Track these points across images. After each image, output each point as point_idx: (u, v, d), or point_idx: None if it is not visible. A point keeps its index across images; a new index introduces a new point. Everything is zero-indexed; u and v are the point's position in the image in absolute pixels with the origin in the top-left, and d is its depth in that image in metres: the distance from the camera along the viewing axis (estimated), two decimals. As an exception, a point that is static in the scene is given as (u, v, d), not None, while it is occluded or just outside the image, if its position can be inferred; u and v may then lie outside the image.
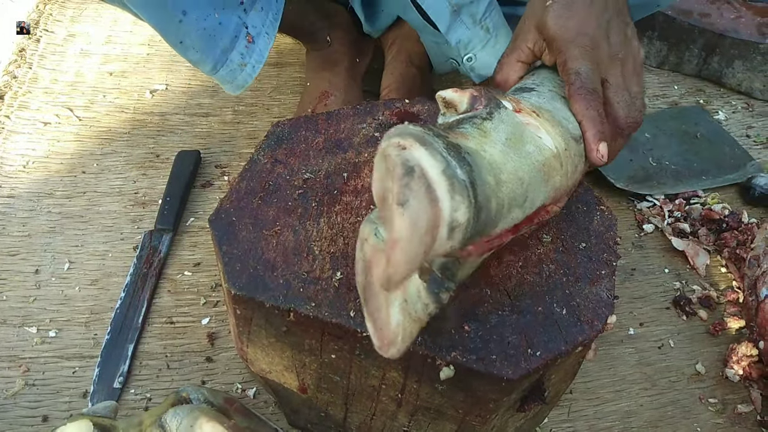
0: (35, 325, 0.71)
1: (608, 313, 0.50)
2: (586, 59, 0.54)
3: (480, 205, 0.38)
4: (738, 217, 0.89)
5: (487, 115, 0.45)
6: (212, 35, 0.70)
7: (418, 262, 0.36)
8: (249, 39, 0.73)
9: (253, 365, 0.59)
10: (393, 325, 0.40)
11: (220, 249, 0.51)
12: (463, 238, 0.38)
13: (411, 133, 0.37)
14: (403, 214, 0.34)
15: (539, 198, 0.46)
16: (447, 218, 0.36)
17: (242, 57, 0.74)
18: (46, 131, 0.91)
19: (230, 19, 0.71)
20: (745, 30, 1.10)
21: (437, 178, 0.35)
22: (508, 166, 0.43)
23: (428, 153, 0.36)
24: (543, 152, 0.46)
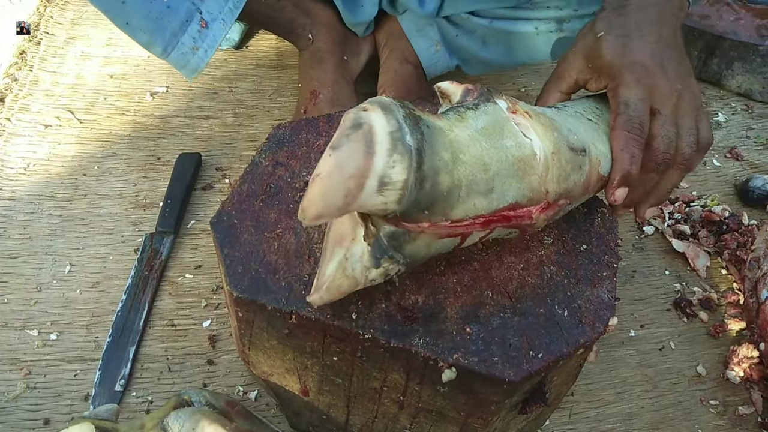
0: (36, 328, 0.71)
1: (609, 315, 0.50)
2: (639, 87, 0.53)
3: (425, 173, 0.40)
4: (738, 219, 0.89)
5: (473, 106, 0.46)
6: (159, 17, 0.70)
7: (338, 205, 0.37)
8: (203, 24, 0.74)
9: (255, 368, 0.59)
10: (325, 276, 0.43)
11: (221, 251, 0.51)
12: (402, 201, 0.40)
13: (379, 100, 0.41)
14: (331, 155, 0.37)
15: (510, 193, 0.46)
16: (378, 172, 0.38)
17: (194, 41, 0.74)
18: (46, 134, 0.91)
19: (181, 3, 0.71)
20: (744, 32, 1.11)
21: (382, 136, 0.38)
22: (473, 150, 0.43)
23: (384, 115, 0.39)
24: (522, 149, 0.46)
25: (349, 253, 0.43)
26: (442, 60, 0.98)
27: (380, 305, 0.48)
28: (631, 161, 0.52)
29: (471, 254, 0.52)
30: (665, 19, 0.57)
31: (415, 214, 0.42)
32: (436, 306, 0.49)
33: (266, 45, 1.10)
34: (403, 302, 0.48)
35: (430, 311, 0.48)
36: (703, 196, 0.95)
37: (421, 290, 0.49)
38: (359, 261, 0.43)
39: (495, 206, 0.45)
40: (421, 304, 0.48)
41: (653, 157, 0.54)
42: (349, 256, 0.43)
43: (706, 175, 1.00)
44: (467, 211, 0.44)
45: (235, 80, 1.03)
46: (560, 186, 0.49)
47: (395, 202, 0.39)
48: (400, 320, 0.47)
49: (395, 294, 0.49)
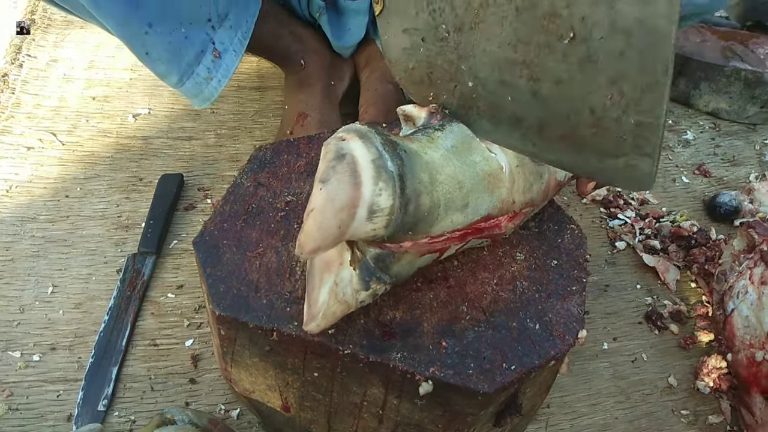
0: (19, 349, 0.71)
1: (579, 328, 0.52)
2: None
3: (408, 196, 0.42)
4: (706, 234, 0.93)
5: (439, 127, 0.49)
6: (178, 48, 0.73)
7: (333, 236, 0.39)
8: (216, 54, 0.76)
9: (237, 385, 0.60)
10: (318, 303, 0.45)
11: (204, 271, 0.52)
12: (390, 226, 0.42)
13: (355, 128, 0.43)
14: (321, 189, 0.39)
15: (483, 206, 0.49)
16: (367, 200, 0.40)
17: (208, 71, 0.77)
18: (29, 156, 0.92)
19: (197, 34, 0.74)
20: (710, 53, 1.15)
21: (365, 165, 0.40)
22: (447, 169, 0.46)
23: (363, 144, 0.41)
24: (490, 164, 0.48)
25: (338, 278, 0.44)
26: None
27: (359, 321, 0.50)
28: None
29: (447, 271, 0.55)
30: None
31: (399, 236, 0.44)
32: (413, 321, 0.50)
33: (247, 67, 1.12)
34: (382, 318, 0.50)
35: (407, 326, 0.50)
36: (673, 212, 0.98)
37: (398, 306, 0.51)
38: (349, 285, 0.45)
39: (470, 220, 0.48)
40: (398, 320, 0.50)
41: None
42: (339, 282, 0.44)
43: (675, 192, 1.03)
44: (445, 227, 0.47)
45: (216, 102, 1.04)
46: (525, 196, 0.51)
47: (383, 227, 0.41)
48: (379, 335, 0.49)
49: (374, 310, 0.51)
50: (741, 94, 1.14)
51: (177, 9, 0.71)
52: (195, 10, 0.73)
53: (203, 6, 0.73)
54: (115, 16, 0.68)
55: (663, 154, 1.10)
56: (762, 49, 1.16)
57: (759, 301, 0.74)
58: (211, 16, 0.75)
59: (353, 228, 0.40)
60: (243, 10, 0.79)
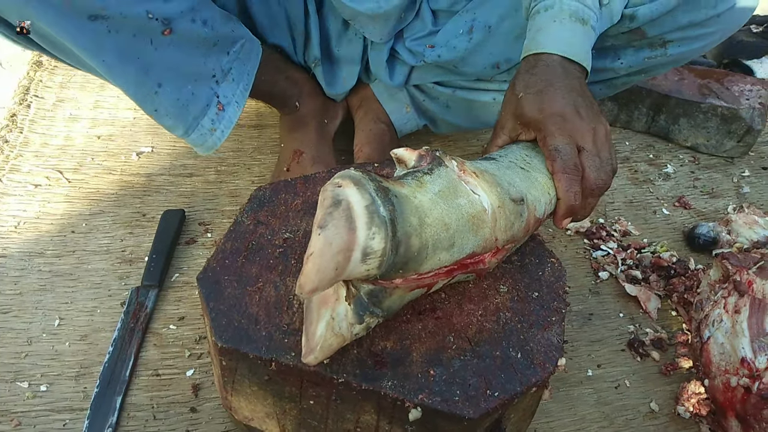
0: (27, 380, 0.74)
1: (558, 356, 0.56)
2: (562, 134, 0.62)
3: (399, 239, 0.46)
4: (685, 264, 0.97)
5: (428, 170, 0.53)
6: (185, 104, 0.77)
7: (330, 277, 0.43)
8: (219, 107, 0.81)
9: (237, 413, 0.63)
10: (316, 337, 0.48)
11: (207, 305, 0.56)
12: (382, 266, 0.46)
13: (350, 175, 0.47)
14: (320, 234, 0.43)
15: (468, 245, 0.53)
16: (361, 244, 0.44)
17: (212, 123, 0.81)
18: (36, 193, 0.96)
19: (202, 90, 0.78)
20: (687, 91, 1.21)
21: (360, 211, 0.44)
22: (435, 212, 0.50)
23: (357, 191, 0.45)
24: (474, 206, 0.53)
25: (334, 313, 0.48)
26: (412, 120, 1.06)
27: (352, 351, 0.53)
28: (575, 198, 0.61)
29: (435, 303, 0.58)
30: (570, 73, 0.66)
31: (391, 275, 0.48)
32: (403, 351, 0.54)
33: (246, 106, 1.15)
34: (374, 348, 0.54)
35: (397, 356, 0.53)
36: (653, 243, 1.02)
37: (389, 337, 0.55)
38: (344, 319, 0.49)
39: (456, 258, 0.52)
40: (389, 350, 0.54)
41: (588, 184, 0.62)
42: (335, 316, 0.48)
43: (656, 223, 1.07)
44: (433, 265, 0.51)
45: (216, 139, 1.09)
46: (507, 233, 0.56)
47: (376, 267, 0.45)
48: (371, 365, 0.52)
49: (366, 341, 0.54)
50: (718, 129, 1.19)
51: (184, 69, 0.75)
52: (201, 68, 0.77)
53: (208, 64, 0.78)
54: (128, 80, 0.72)
55: (645, 187, 1.15)
56: (737, 87, 1.22)
57: (733, 328, 0.78)
58: (216, 72, 0.79)
59: (349, 269, 0.44)
60: (245, 64, 0.83)
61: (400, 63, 0.96)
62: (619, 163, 1.19)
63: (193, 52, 0.75)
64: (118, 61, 0.69)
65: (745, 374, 0.74)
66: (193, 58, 0.76)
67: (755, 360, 0.73)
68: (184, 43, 0.73)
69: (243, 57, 0.82)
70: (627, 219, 1.07)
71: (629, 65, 0.85)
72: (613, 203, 1.10)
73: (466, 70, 0.92)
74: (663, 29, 0.79)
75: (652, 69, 0.88)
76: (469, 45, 0.88)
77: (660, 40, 0.81)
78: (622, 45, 0.83)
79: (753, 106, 1.17)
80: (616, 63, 0.85)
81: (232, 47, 0.80)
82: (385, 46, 0.94)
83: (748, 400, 0.73)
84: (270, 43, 0.96)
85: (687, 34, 0.80)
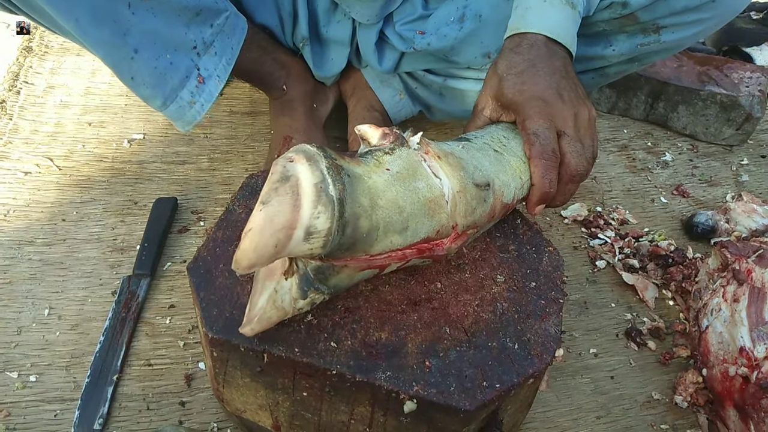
0: (16, 370, 0.73)
1: (556, 347, 0.55)
2: (541, 117, 0.60)
3: (346, 219, 0.45)
4: (683, 253, 0.96)
5: (389, 150, 0.52)
6: (163, 73, 0.75)
7: (269, 255, 0.42)
8: (200, 80, 0.79)
9: (229, 405, 0.62)
10: (256, 308, 0.47)
11: (198, 295, 0.55)
12: (327, 246, 0.44)
13: (304, 150, 0.45)
14: (261, 210, 0.41)
15: (423, 230, 0.51)
16: (305, 223, 0.42)
17: (192, 95, 0.79)
18: (26, 180, 0.94)
19: (182, 60, 0.77)
20: (686, 78, 1.19)
21: (307, 189, 0.43)
22: (389, 194, 0.49)
23: (309, 167, 0.44)
24: (432, 190, 0.51)
25: (278, 286, 0.47)
26: (406, 107, 1.04)
27: (346, 342, 0.52)
28: (550, 185, 0.60)
29: (431, 293, 0.57)
30: (555, 54, 0.64)
31: (337, 254, 0.46)
32: (399, 342, 0.53)
33: (240, 92, 1.15)
34: (368, 339, 0.53)
35: (392, 347, 0.52)
36: (651, 232, 1.02)
37: (384, 327, 0.54)
38: (288, 293, 0.48)
39: (409, 242, 0.51)
40: (384, 341, 0.53)
41: (569, 170, 0.61)
42: (278, 289, 0.47)
43: (654, 212, 1.07)
44: (384, 248, 0.50)
45: (209, 126, 1.08)
46: (467, 219, 0.54)
47: (320, 247, 0.44)
48: (365, 356, 0.51)
49: (360, 331, 0.53)
50: (717, 116, 1.18)
51: (163, 37, 0.74)
52: (181, 38, 0.76)
53: (189, 34, 0.76)
54: (102, 43, 0.70)
55: (643, 175, 1.14)
56: (736, 74, 1.20)
57: (732, 317, 0.77)
58: (197, 43, 0.77)
59: (290, 247, 0.43)
60: (229, 38, 0.81)
61: (390, 48, 0.94)
62: (617, 151, 1.18)
63: (173, 20, 0.73)
64: (92, 21, 0.67)
65: (744, 364, 0.73)
66: (173, 26, 0.74)
67: (754, 349, 0.73)
68: (164, 10, 0.72)
69: (227, 31, 0.80)
70: (625, 207, 1.06)
71: (621, 52, 0.83)
72: (611, 191, 1.09)
73: (457, 59, 0.90)
74: (656, 14, 0.77)
75: (646, 57, 0.86)
76: (459, 34, 0.86)
77: (653, 26, 0.79)
78: (615, 31, 0.81)
79: (752, 94, 1.16)
80: (608, 50, 0.83)
81: (215, 19, 0.79)
82: (374, 28, 0.92)
83: (747, 390, 0.72)
84: (257, 23, 0.94)
85: (681, 19, 0.78)
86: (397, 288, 0.57)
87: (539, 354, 0.55)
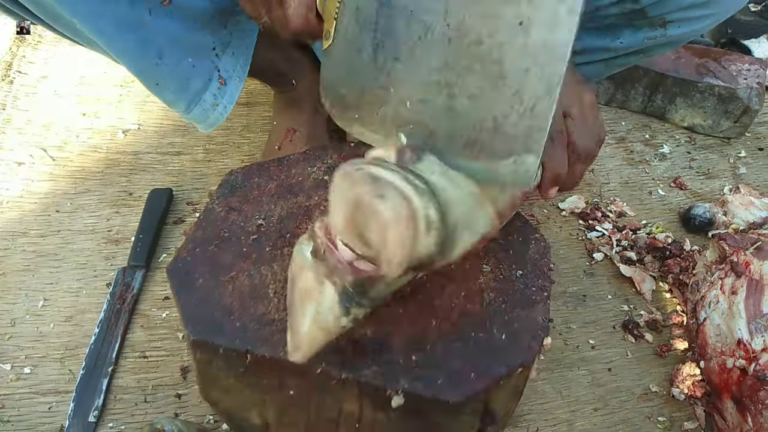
0: (10, 362, 0.73)
1: (544, 336, 0.55)
2: None
3: (443, 209, 0.44)
4: (680, 245, 0.95)
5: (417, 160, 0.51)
6: (186, 78, 0.75)
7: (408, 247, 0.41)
8: (221, 81, 0.79)
9: (217, 406, 0.61)
10: (303, 332, 0.46)
11: (178, 298, 0.54)
12: (438, 242, 0.43)
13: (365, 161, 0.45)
14: (385, 201, 0.40)
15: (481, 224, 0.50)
16: (422, 213, 0.41)
17: (215, 98, 0.79)
18: (20, 171, 0.94)
19: (203, 63, 0.76)
20: (684, 70, 1.18)
21: (401, 184, 0.42)
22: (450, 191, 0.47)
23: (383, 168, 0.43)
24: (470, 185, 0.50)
25: (320, 306, 0.46)
26: None
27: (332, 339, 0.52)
28: (560, 166, 0.59)
29: (416, 286, 0.57)
30: None
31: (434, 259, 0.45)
32: (384, 337, 0.52)
33: (236, 83, 1.15)
34: (353, 335, 0.52)
35: (378, 342, 0.52)
36: (649, 224, 1.01)
37: (369, 322, 0.53)
38: (330, 312, 0.46)
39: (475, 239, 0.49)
40: (370, 336, 0.52)
41: (576, 150, 0.61)
42: (320, 310, 0.46)
43: (652, 204, 1.06)
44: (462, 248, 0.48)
45: (205, 117, 1.07)
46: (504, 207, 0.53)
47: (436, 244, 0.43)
48: (351, 353, 0.51)
49: (346, 327, 0.53)
50: (715, 109, 1.17)
51: (184, 40, 0.73)
52: (200, 39, 0.75)
53: (208, 35, 0.76)
54: (128, 51, 0.70)
55: (640, 167, 1.13)
56: (734, 66, 1.19)
57: (729, 310, 0.77)
58: (216, 44, 0.77)
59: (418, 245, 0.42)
60: (243, 38, 0.81)
61: None
62: (615, 144, 1.17)
63: (192, 23, 0.73)
64: (116, 30, 0.67)
65: (742, 356, 0.73)
66: (192, 29, 0.73)
67: (752, 341, 0.72)
68: (183, 14, 0.71)
69: (241, 31, 0.80)
70: (622, 200, 1.05)
71: (628, 45, 0.84)
72: (609, 184, 1.09)
73: None
74: (664, 9, 0.78)
75: (651, 49, 0.86)
76: None
77: (660, 20, 0.79)
78: (623, 24, 0.81)
79: (751, 86, 1.15)
80: (615, 42, 0.83)
81: (229, 20, 0.78)
82: None
83: (744, 382, 0.72)
84: None
85: (688, 14, 0.79)
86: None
87: (527, 343, 0.54)
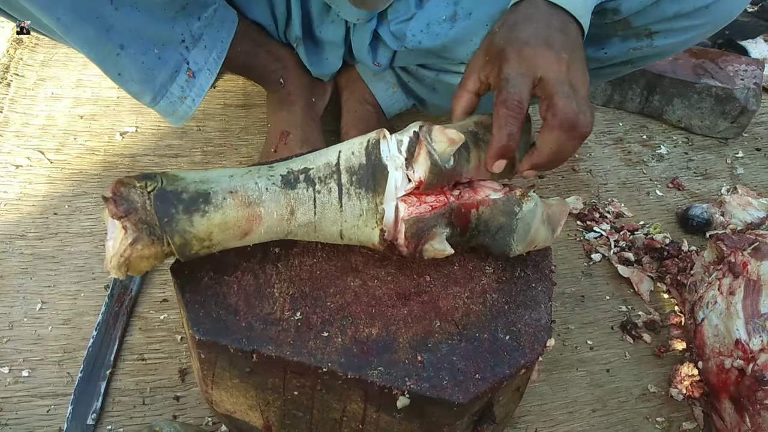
0: (8, 365, 0.73)
1: (547, 337, 0.55)
2: (520, 62, 0.55)
3: None
4: (678, 246, 0.96)
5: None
6: (151, 69, 0.74)
7: None
8: (190, 74, 0.78)
9: (218, 407, 0.61)
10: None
11: (183, 297, 0.54)
12: None
13: None
14: None
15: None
16: None
17: (182, 90, 0.78)
18: (17, 174, 0.93)
19: (170, 55, 0.75)
20: (682, 71, 1.19)
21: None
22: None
23: None
24: None
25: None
26: (399, 100, 1.03)
27: (337, 339, 0.52)
28: (508, 138, 0.54)
29: (420, 286, 0.57)
30: (557, 17, 0.59)
31: None
32: (389, 337, 0.53)
33: (233, 85, 1.14)
34: (358, 335, 0.52)
35: (383, 342, 0.52)
36: (647, 225, 1.01)
37: (374, 323, 0.53)
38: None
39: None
40: (375, 337, 0.52)
41: (553, 114, 0.54)
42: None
43: (649, 205, 1.06)
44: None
45: (203, 119, 1.07)
46: None
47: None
48: (356, 353, 0.51)
49: (350, 328, 0.53)
50: (712, 109, 1.18)
51: (150, 32, 0.72)
52: (168, 32, 0.74)
53: (177, 27, 0.75)
54: (86, 41, 0.69)
55: (638, 168, 1.14)
56: (731, 67, 1.20)
57: (727, 310, 0.77)
58: (185, 37, 0.76)
59: None
60: (218, 31, 0.80)
61: (383, 46, 0.93)
62: (612, 144, 1.17)
63: (158, 14, 0.72)
64: (74, 19, 0.66)
65: (740, 356, 0.73)
66: (159, 20, 0.72)
67: (750, 342, 0.73)
68: (148, 4, 0.70)
69: (216, 23, 0.79)
70: (620, 200, 1.06)
71: (614, 55, 0.81)
72: (606, 184, 1.09)
73: (449, 56, 0.89)
74: (648, 20, 0.75)
75: (639, 60, 0.84)
76: (450, 32, 0.84)
77: (646, 31, 0.77)
78: (607, 34, 0.79)
79: (748, 87, 1.16)
80: (600, 53, 0.82)
81: (203, 12, 0.77)
82: (368, 29, 0.90)
83: (742, 382, 0.72)
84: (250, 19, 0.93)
85: (674, 25, 0.76)
86: (386, 282, 0.57)
87: (530, 344, 0.54)
